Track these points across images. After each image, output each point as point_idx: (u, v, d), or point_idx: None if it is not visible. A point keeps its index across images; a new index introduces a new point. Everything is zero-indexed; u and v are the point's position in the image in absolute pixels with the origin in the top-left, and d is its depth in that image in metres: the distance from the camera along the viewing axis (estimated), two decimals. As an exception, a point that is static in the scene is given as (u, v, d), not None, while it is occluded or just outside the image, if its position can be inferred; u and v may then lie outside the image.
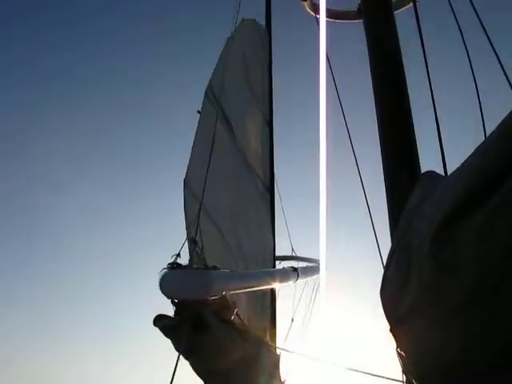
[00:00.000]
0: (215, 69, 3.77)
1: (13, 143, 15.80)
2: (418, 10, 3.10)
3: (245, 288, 2.52)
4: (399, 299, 1.56)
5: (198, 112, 3.47)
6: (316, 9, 4.18)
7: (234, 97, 4.36)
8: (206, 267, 2.18)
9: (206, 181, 2.72)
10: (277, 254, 4.81)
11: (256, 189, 4.60)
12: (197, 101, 3.47)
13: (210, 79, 3.64)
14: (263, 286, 2.88)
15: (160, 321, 2.14)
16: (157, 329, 2.11)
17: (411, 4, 3.57)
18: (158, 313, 2.13)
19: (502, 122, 1.15)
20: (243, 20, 5.12)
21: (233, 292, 2.33)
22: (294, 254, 6.37)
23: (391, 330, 1.66)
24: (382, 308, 1.74)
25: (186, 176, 2.76)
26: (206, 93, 3.52)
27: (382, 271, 1.81)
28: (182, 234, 2.47)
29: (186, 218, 2.56)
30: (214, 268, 2.16)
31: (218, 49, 4.09)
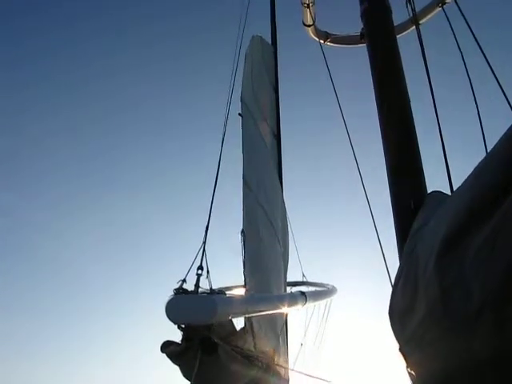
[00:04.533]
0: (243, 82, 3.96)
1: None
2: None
3: (251, 312, 2.52)
4: (407, 319, 1.58)
5: (240, 115, 3.69)
6: (320, 34, 4.27)
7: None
8: (212, 292, 2.20)
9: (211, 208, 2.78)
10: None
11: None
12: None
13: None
14: (270, 310, 2.87)
15: (167, 347, 2.16)
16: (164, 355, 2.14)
17: (413, 27, 3.65)
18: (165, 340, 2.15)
19: (498, 142, 1.19)
20: (253, 37, 5.26)
21: (239, 316, 2.35)
22: (304, 280, 6.33)
23: (400, 350, 1.67)
24: (390, 327, 1.76)
25: None
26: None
27: (391, 291, 1.83)
28: (188, 260, 2.49)
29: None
30: (220, 293, 2.18)
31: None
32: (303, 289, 5.28)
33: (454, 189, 2.22)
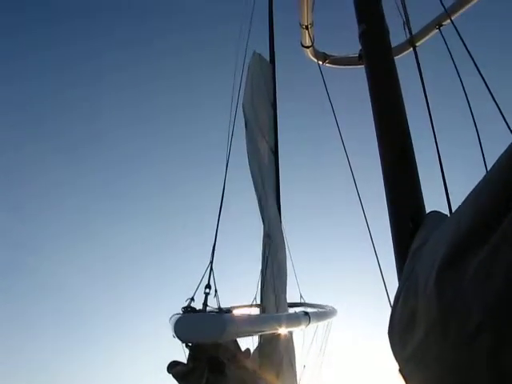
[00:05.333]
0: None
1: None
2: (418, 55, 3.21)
3: (258, 332, 2.53)
4: (407, 339, 1.57)
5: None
6: (318, 55, 4.32)
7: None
8: (220, 311, 2.20)
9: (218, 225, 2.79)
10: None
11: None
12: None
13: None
14: (276, 329, 2.88)
15: (174, 367, 2.14)
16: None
17: (411, 49, 3.69)
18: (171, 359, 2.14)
19: (496, 162, 1.20)
20: (254, 53, 5.35)
21: (246, 336, 2.34)
22: (302, 301, 6.32)
23: (400, 371, 1.66)
24: (390, 348, 1.75)
25: None
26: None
27: (390, 311, 1.82)
28: (196, 278, 2.50)
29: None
30: (228, 311, 2.18)
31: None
32: (301, 310, 5.28)
33: (453, 209, 2.22)
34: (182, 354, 2.10)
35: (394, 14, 3.49)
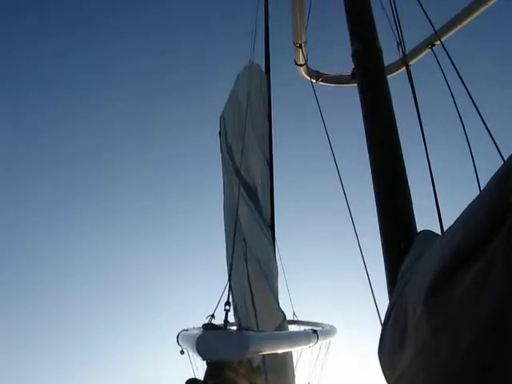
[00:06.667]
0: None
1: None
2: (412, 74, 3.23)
3: (275, 349, 2.53)
4: (396, 359, 1.57)
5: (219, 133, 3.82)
6: (312, 74, 4.35)
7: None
8: (241, 328, 2.20)
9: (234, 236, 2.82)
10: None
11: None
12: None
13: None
14: (290, 347, 2.93)
15: None
16: None
17: (403, 68, 3.71)
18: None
19: (488, 182, 1.20)
20: (252, 63, 5.41)
21: (265, 353, 2.34)
22: (295, 319, 6.30)
23: (390, 391, 1.65)
24: (380, 368, 1.74)
25: None
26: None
27: (380, 330, 1.82)
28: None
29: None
30: (247, 329, 2.18)
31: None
32: (295, 327, 5.27)
33: (445, 228, 2.22)
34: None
35: (387, 33, 3.52)
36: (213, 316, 2.28)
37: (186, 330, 3.05)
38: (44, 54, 15.09)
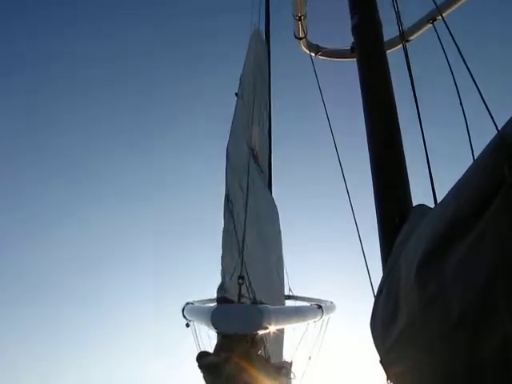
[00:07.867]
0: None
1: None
2: (409, 50, 3.19)
3: (286, 323, 2.55)
4: (388, 330, 1.58)
5: (236, 94, 3.81)
6: (311, 47, 4.30)
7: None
8: (255, 302, 2.21)
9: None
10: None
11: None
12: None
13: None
14: (300, 322, 2.99)
15: (204, 358, 2.14)
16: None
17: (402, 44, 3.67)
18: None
19: (480, 154, 1.20)
20: (256, 30, 5.48)
21: (278, 327, 2.36)
22: (291, 294, 6.32)
23: (381, 361, 1.68)
24: (372, 339, 1.76)
25: None
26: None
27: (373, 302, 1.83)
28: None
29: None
30: (262, 303, 2.20)
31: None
32: (291, 302, 5.32)
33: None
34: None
35: (388, 7, 3.47)
36: (224, 290, 2.28)
37: (192, 304, 3.06)
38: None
